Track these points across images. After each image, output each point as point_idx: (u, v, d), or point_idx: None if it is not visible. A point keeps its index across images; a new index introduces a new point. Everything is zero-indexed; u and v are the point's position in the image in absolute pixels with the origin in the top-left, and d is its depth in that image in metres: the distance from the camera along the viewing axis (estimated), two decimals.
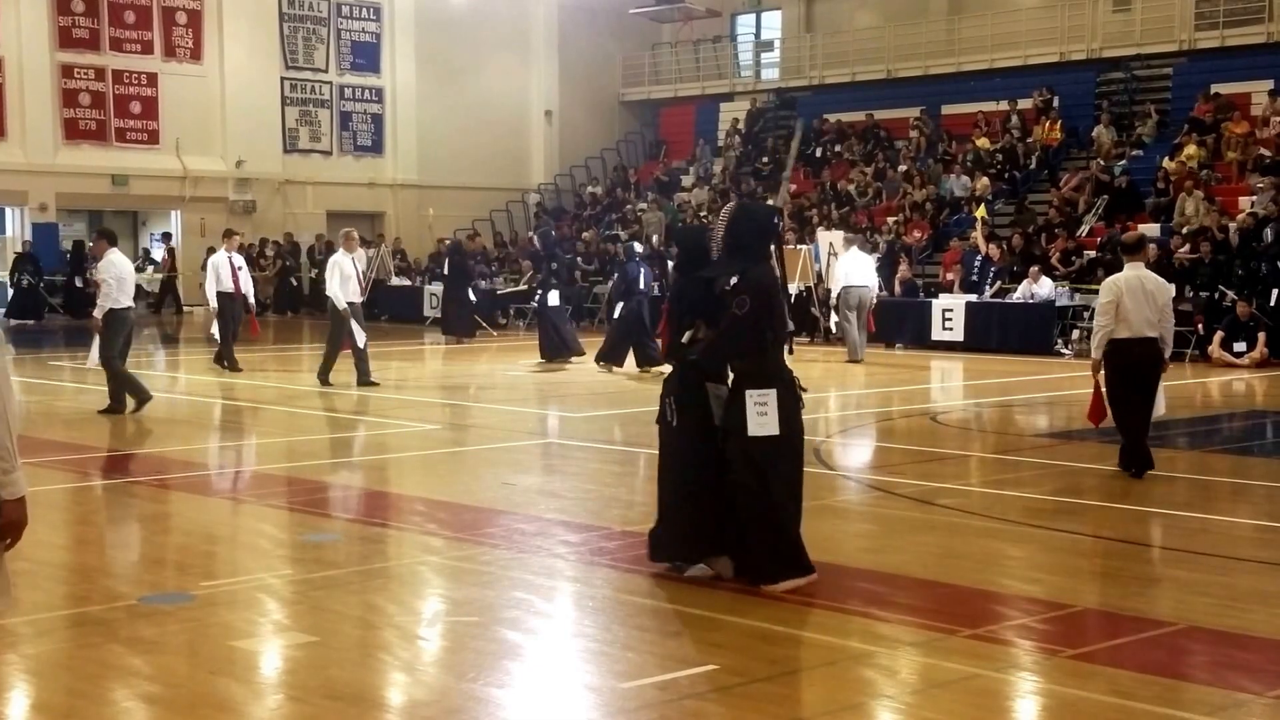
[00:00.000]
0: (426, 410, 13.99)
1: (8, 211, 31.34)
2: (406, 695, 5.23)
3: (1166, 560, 7.36)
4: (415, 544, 7.76)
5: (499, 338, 24.22)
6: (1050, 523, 8.38)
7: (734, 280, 6.54)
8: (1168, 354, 9.79)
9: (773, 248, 6.76)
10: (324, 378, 15.62)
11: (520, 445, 12.18)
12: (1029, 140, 27.52)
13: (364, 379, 15.55)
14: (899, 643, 5.79)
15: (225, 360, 17.26)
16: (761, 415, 6.45)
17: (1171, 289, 10.26)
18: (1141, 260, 9.91)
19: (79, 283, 29.10)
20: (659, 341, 17.08)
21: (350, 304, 15.48)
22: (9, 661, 5.54)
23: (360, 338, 15.54)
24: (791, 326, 6.75)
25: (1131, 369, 9.63)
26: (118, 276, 13.07)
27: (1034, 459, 10.71)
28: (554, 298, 19.05)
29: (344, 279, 15.55)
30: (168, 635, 5.91)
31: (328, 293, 15.75)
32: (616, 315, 18.39)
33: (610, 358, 17.88)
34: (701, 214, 29.80)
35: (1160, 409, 9.99)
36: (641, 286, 18.07)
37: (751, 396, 6.47)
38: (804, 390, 6.78)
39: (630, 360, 17.78)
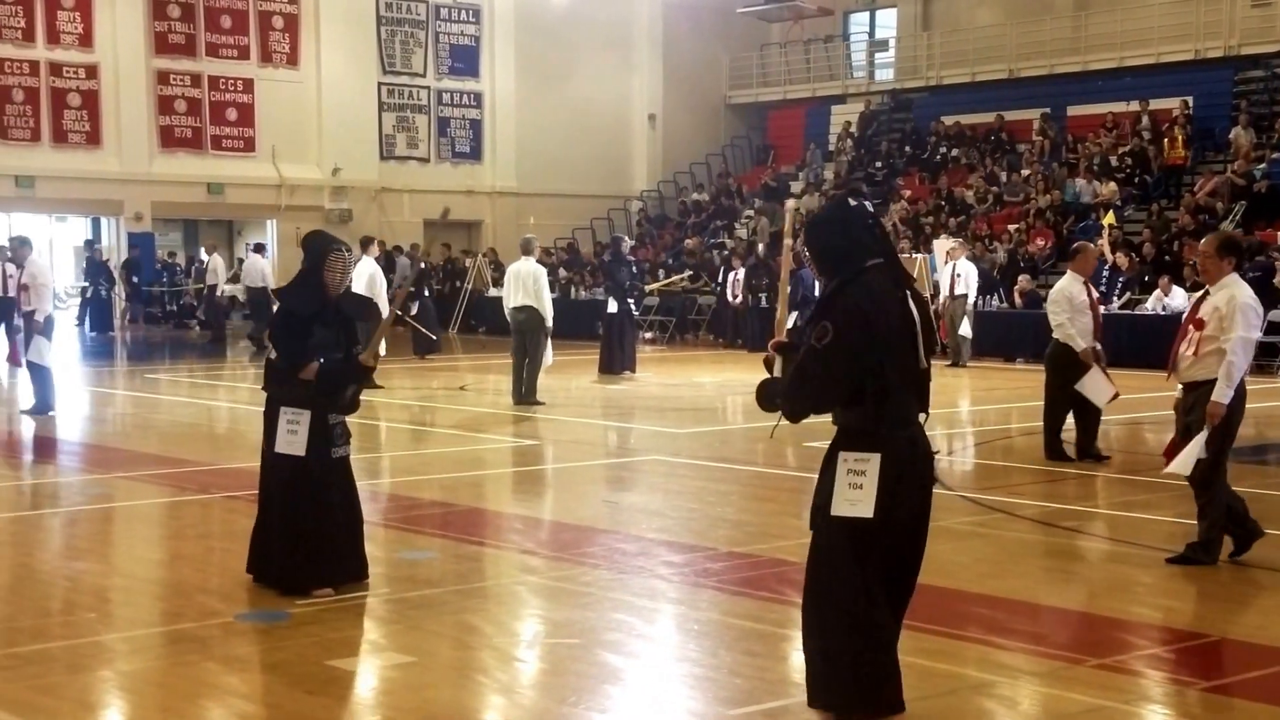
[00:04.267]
0: (525, 425, 14.13)
1: (103, 222, 32.29)
2: (504, 718, 5.30)
3: None
4: (513, 563, 7.86)
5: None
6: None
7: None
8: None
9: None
10: (533, 395, 15.43)
11: (622, 461, 12.26)
12: (1161, 142, 26.97)
13: (529, 396, 15.43)
14: (1020, 672, 5.73)
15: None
16: (291, 433, 6.80)
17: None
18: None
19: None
20: None
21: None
22: (105, 678, 5.72)
23: (549, 356, 15.61)
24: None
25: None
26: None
27: (1165, 480, 10.49)
28: (611, 305, 19.15)
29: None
30: (263, 653, 6.06)
31: (531, 303, 15.40)
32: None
33: None
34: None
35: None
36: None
37: (285, 414, 6.83)
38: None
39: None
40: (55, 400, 14.48)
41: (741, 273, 25.29)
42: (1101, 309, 21.00)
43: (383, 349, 16.76)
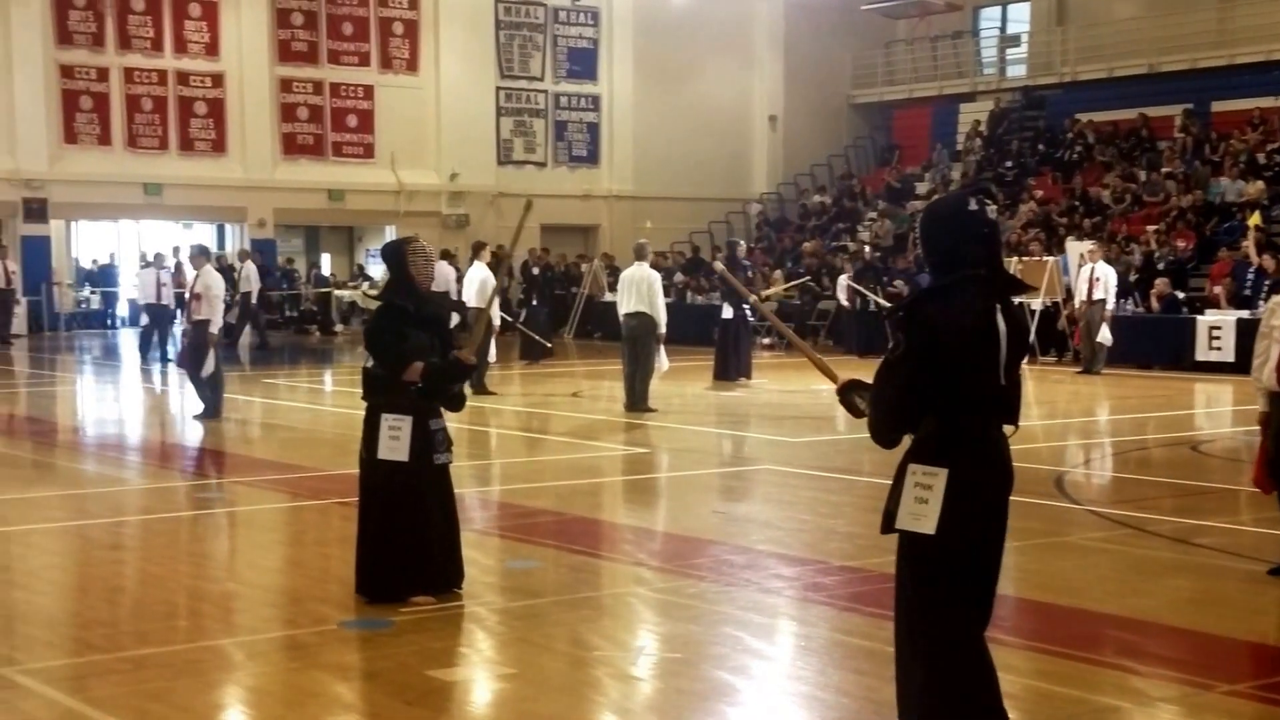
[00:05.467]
0: (637, 432, 14.14)
1: (227, 228, 33.11)
2: None
3: None
4: (620, 574, 7.85)
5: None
6: None
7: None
8: None
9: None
10: (645, 402, 15.40)
11: (734, 471, 12.20)
12: None
13: (640, 403, 15.44)
14: (1146, 697, 5.58)
15: (478, 383, 16.43)
16: (394, 439, 6.85)
17: None
18: None
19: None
20: None
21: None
22: (210, 684, 5.83)
23: (664, 362, 15.64)
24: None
25: None
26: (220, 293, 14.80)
27: None
28: (726, 311, 19.07)
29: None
30: (365, 661, 6.14)
31: (645, 310, 15.41)
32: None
33: None
34: None
35: None
36: None
37: (386, 420, 6.86)
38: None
39: None
40: (222, 406, 14.93)
41: (845, 277, 25.14)
42: (1246, 314, 20.59)
43: (493, 354, 16.99)
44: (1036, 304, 21.81)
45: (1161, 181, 27.17)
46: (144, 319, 23.04)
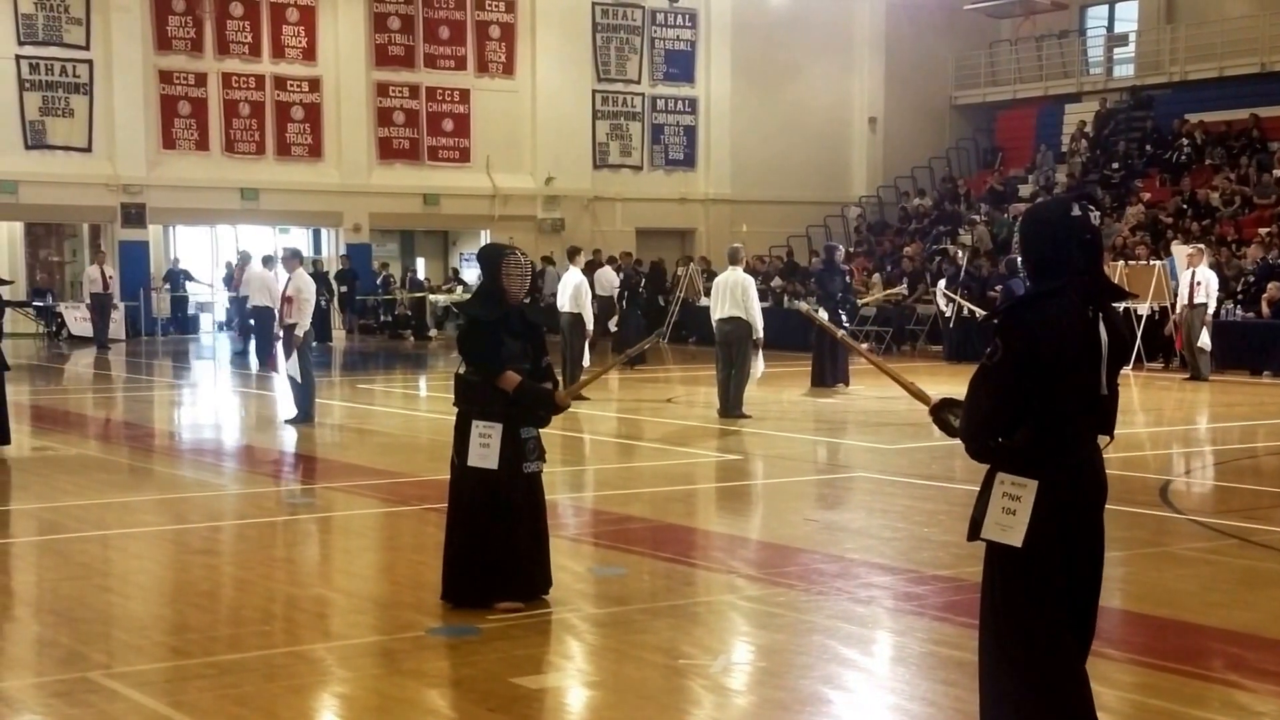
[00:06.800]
0: (731, 439, 14.12)
1: (323, 233, 33.63)
2: None
3: None
4: (708, 581, 7.85)
5: None
6: None
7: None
8: None
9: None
10: (739, 409, 15.35)
11: (828, 478, 12.14)
12: None
13: (734, 409, 15.42)
14: (1252, 712, 5.47)
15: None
16: (484, 447, 6.91)
17: None
18: None
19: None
20: None
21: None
22: (295, 689, 5.91)
23: (760, 367, 15.64)
24: None
25: None
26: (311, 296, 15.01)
27: None
28: (823, 315, 18.94)
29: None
30: (450, 668, 6.19)
31: (738, 315, 15.33)
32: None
33: None
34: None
35: None
36: None
37: (477, 427, 6.93)
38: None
39: None
40: (314, 411, 15.10)
41: (943, 282, 24.89)
42: None
43: (587, 359, 17.01)
44: (1143, 309, 21.44)
45: (1273, 184, 26.56)
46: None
